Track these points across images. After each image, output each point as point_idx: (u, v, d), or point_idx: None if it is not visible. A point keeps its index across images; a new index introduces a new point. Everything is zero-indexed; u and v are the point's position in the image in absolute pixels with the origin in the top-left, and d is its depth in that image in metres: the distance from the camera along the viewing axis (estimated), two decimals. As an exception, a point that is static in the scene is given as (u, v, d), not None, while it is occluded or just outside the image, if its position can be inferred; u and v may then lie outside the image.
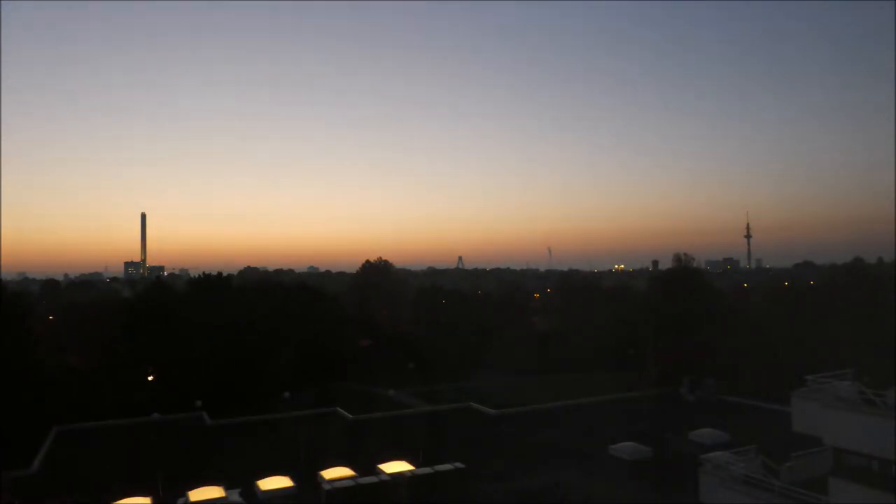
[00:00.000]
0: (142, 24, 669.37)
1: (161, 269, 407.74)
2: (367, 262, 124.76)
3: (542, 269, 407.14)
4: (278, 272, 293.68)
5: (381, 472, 40.39)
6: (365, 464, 42.39)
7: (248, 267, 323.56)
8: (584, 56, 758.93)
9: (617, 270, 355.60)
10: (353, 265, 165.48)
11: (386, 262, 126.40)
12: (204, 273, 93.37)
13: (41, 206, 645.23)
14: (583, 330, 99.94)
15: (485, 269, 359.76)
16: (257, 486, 39.18)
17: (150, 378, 75.03)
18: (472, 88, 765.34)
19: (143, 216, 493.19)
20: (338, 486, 37.05)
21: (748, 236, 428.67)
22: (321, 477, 39.87)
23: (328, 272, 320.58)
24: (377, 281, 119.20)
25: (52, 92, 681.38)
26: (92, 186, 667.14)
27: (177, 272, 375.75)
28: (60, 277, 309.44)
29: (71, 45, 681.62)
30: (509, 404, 64.79)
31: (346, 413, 61.39)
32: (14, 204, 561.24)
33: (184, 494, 37.09)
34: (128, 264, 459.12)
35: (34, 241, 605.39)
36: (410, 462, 42.04)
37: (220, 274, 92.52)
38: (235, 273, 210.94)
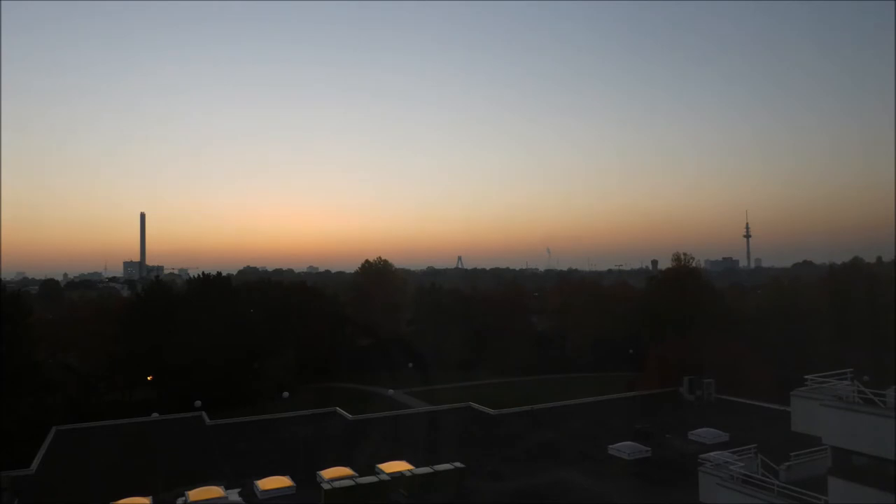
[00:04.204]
0: (142, 25, 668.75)
1: (160, 268, 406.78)
2: (367, 261, 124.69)
3: (541, 269, 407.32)
4: (278, 272, 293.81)
5: (381, 471, 40.42)
6: (364, 463, 42.44)
7: (248, 267, 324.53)
8: (584, 56, 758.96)
9: (616, 270, 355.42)
10: (353, 265, 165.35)
11: (385, 261, 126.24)
12: (203, 273, 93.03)
13: (41, 205, 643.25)
14: (583, 330, 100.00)
15: (485, 269, 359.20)
16: (257, 486, 39.21)
17: (149, 378, 75.02)
18: (472, 88, 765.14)
19: (143, 216, 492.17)
20: (337, 486, 37.09)
21: (748, 236, 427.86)
22: (321, 476, 39.90)
23: (328, 272, 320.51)
24: (376, 281, 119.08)
25: (52, 92, 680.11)
26: (91, 186, 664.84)
27: (176, 272, 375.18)
28: (60, 277, 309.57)
29: (71, 45, 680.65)
30: (509, 404, 64.80)
31: (346, 413, 61.40)
32: (14, 204, 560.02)
33: (184, 494, 37.15)
34: (127, 264, 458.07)
35: (34, 241, 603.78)
36: (410, 462, 42.07)
37: (219, 274, 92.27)
38: (235, 273, 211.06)
